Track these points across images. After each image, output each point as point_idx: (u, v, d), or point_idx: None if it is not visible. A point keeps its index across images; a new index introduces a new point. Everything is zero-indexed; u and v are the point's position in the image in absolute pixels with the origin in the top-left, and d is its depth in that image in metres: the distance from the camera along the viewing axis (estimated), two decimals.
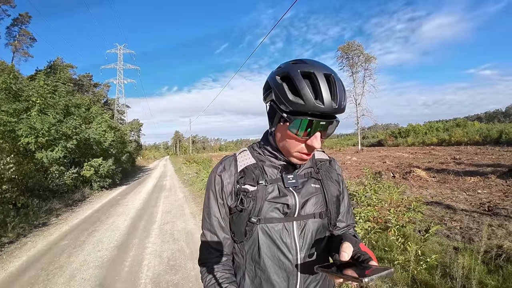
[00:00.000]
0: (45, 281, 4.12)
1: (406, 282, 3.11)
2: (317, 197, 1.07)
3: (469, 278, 2.84)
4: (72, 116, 12.51)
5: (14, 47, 37.00)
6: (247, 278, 1.05)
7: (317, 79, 0.87)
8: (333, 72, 0.92)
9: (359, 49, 37.95)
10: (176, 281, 3.96)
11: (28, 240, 6.13)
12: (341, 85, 0.92)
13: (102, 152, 14.69)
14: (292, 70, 0.92)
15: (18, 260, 5.02)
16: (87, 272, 4.37)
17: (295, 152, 0.99)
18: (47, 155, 10.45)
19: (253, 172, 1.05)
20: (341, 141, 67.74)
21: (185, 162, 27.17)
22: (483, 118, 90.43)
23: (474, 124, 43.32)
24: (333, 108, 0.87)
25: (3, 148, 8.30)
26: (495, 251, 3.47)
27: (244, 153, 1.14)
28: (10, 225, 6.53)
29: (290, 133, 0.94)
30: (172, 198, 10.81)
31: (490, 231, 4.40)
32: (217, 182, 1.07)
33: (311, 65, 0.92)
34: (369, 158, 21.30)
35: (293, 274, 1.01)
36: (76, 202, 10.65)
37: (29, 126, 9.92)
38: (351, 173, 13.05)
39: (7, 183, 7.27)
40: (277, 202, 1.02)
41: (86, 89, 37.89)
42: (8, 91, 10.38)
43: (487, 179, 9.09)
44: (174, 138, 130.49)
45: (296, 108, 0.88)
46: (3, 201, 7.16)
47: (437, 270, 3.14)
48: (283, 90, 0.91)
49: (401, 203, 4.34)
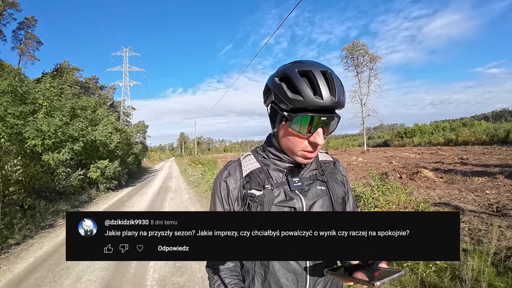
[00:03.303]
0: (51, 283, 4.16)
1: (415, 285, 3.08)
2: (323, 199, 1.07)
3: (479, 280, 2.80)
4: (79, 119, 12.58)
5: (21, 50, 37.30)
6: (257, 282, 1.04)
7: (315, 76, 0.90)
8: (329, 69, 0.94)
9: (364, 48, 37.77)
10: (182, 283, 3.98)
11: (35, 242, 6.17)
12: (339, 81, 0.95)
13: (108, 154, 14.80)
14: (289, 70, 0.95)
15: (24, 261, 5.06)
16: (93, 274, 4.39)
17: (299, 151, 0.99)
18: (54, 157, 10.47)
19: (259, 177, 1.05)
20: (346, 142, 67.59)
21: (191, 164, 27.21)
22: (490, 117, 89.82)
23: (481, 123, 42.96)
24: (333, 102, 0.89)
25: (10, 150, 8.34)
26: (504, 253, 3.41)
27: (248, 158, 1.14)
28: (17, 226, 6.55)
29: (293, 131, 0.95)
30: (177, 200, 10.86)
31: (499, 232, 4.34)
32: (223, 188, 1.07)
33: (308, 64, 0.95)
34: (375, 158, 21.20)
35: (302, 276, 1.01)
36: (83, 203, 10.74)
37: (35, 129, 9.96)
38: (357, 173, 12.99)
39: (14, 185, 7.32)
40: (284, 206, 1.01)
41: (92, 92, 38.16)
42: (14, 93, 10.44)
43: (495, 180, 8.99)
44: (180, 139, 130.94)
45: (296, 105, 0.91)
46: (10, 203, 7.19)
47: (446, 273, 3.11)
48: (282, 90, 0.94)
49: (408, 205, 4.31)
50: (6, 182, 7.10)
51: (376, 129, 77.30)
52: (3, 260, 5.13)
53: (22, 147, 9.55)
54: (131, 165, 22.77)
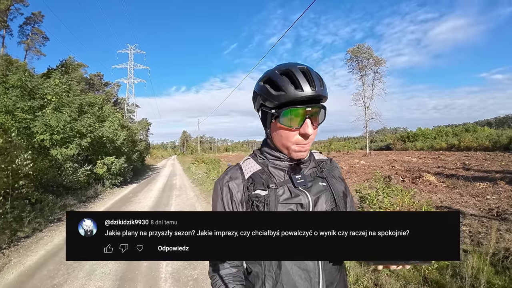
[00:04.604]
0: (65, 275, 4.19)
1: (418, 281, 3.22)
2: (326, 195, 1.10)
3: (478, 277, 2.94)
4: (86, 115, 12.71)
5: (27, 45, 37.50)
6: (267, 285, 1.03)
7: (294, 73, 0.97)
8: (307, 66, 1.01)
9: (369, 52, 37.78)
10: (195, 276, 4.08)
11: (44, 235, 6.25)
12: (317, 75, 1.01)
13: (114, 150, 14.90)
14: (271, 72, 1.03)
15: (35, 254, 5.11)
16: (107, 267, 4.45)
17: (293, 145, 1.03)
18: (62, 152, 10.64)
19: (262, 177, 1.07)
20: (348, 144, 67.45)
21: (194, 162, 27.28)
22: (493, 124, 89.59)
23: (484, 129, 42.78)
24: (313, 92, 0.96)
25: (20, 144, 8.46)
26: (503, 254, 3.56)
27: (248, 161, 1.16)
28: (26, 220, 6.65)
29: (282, 126, 1.01)
30: (183, 197, 10.90)
31: (498, 235, 4.47)
32: (225, 193, 1.08)
33: (287, 64, 1.03)
34: (378, 162, 21.20)
35: (315, 273, 1.02)
36: (89, 198, 10.84)
37: (44, 124, 10.13)
38: (360, 176, 13.05)
39: (23, 179, 7.41)
40: (290, 203, 1.03)
41: (97, 88, 38.24)
42: (23, 88, 10.60)
43: (496, 185, 9.07)
44: (182, 138, 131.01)
45: (280, 100, 0.97)
46: (18, 197, 7.29)
47: (447, 270, 3.26)
48: (267, 90, 1.01)
49: (412, 207, 4.42)
50: (16, 175, 7.20)
51: (378, 133, 77.35)
52: (13, 252, 5.19)
53: (30, 141, 9.69)
54: (136, 162, 22.90)
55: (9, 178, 6.85)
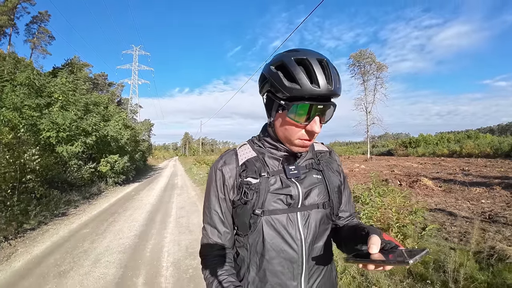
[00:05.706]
0: (71, 263, 4.36)
1: (403, 274, 3.39)
2: (320, 188, 1.09)
3: (460, 272, 3.13)
4: (92, 114, 12.94)
5: (33, 44, 37.88)
6: (252, 271, 1.05)
7: (311, 64, 0.90)
8: (325, 57, 0.94)
9: (371, 57, 37.69)
10: (195, 265, 4.25)
11: (50, 228, 6.44)
12: (335, 69, 0.95)
13: (118, 149, 15.14)
14: (286, 58, 0.95)
15: (42, 244, 5.28)
16: (111, 256, 4.65)
17: (296, 140, 0.99)
18: (67, 149, 10.88)
19: (255, 165, 1.05)
20: (350, 149, 67.51)
21: (196, 163, 27.47)
22: (496, 131, 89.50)
23: (486, 136, 42.67)
24: (329, 90, 0.89)
25: (28, 140, 8.68)
26: (487, 251, 3.75)
27: (244, 147, 1.14)
28: (32, 213, 6.85)
29: (289, 120, 0.95)
30: (185, 196, 11.07)
31: (487, 236, 4.65)
32: (218, 177, 1.07)
33: (304, 52, 0.95)
34: (378, 166, 21.28)
35: (298, 264, 1.03)
36: (93, 195, 11.04)
37: (51, 121, 10.37)
38: (358, 179, 13.17)
39: (30, 173, 7.62)
40: (280, 193, 1.02)
41: (101, 88, 38.57)
42: (31, 86, 10.87)
43: (492, 190, 9.20)
44: (184, 139, 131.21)
45: (293, 93, 0.91)
46: (24, 191, 7.48)
47: (430, 264, 3.45)
48: (279, 78, 0.94)
49: (403, 207, 4.58)
50: (23, 170, 7.43)
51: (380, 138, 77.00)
52: (20, 243, 5.37)
53: (36, 138, 9.93)
54: (138, 162, 23.13)
55: (17, 173, 7.07)
